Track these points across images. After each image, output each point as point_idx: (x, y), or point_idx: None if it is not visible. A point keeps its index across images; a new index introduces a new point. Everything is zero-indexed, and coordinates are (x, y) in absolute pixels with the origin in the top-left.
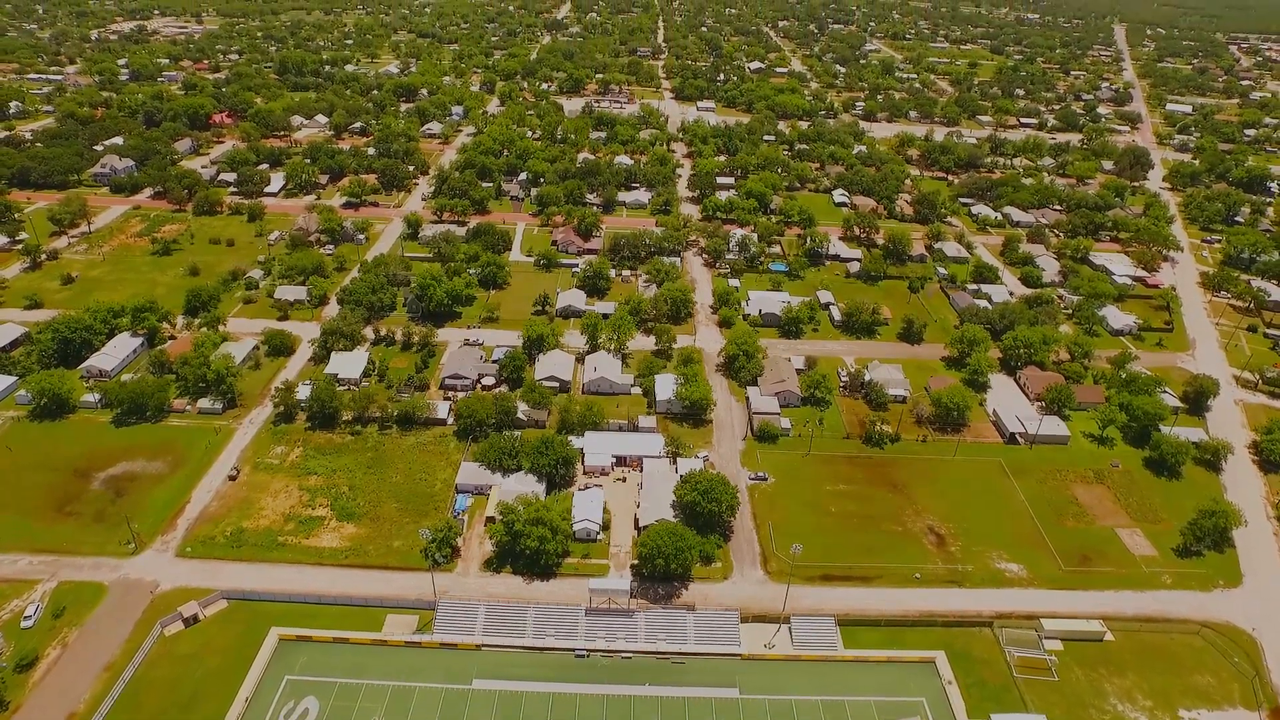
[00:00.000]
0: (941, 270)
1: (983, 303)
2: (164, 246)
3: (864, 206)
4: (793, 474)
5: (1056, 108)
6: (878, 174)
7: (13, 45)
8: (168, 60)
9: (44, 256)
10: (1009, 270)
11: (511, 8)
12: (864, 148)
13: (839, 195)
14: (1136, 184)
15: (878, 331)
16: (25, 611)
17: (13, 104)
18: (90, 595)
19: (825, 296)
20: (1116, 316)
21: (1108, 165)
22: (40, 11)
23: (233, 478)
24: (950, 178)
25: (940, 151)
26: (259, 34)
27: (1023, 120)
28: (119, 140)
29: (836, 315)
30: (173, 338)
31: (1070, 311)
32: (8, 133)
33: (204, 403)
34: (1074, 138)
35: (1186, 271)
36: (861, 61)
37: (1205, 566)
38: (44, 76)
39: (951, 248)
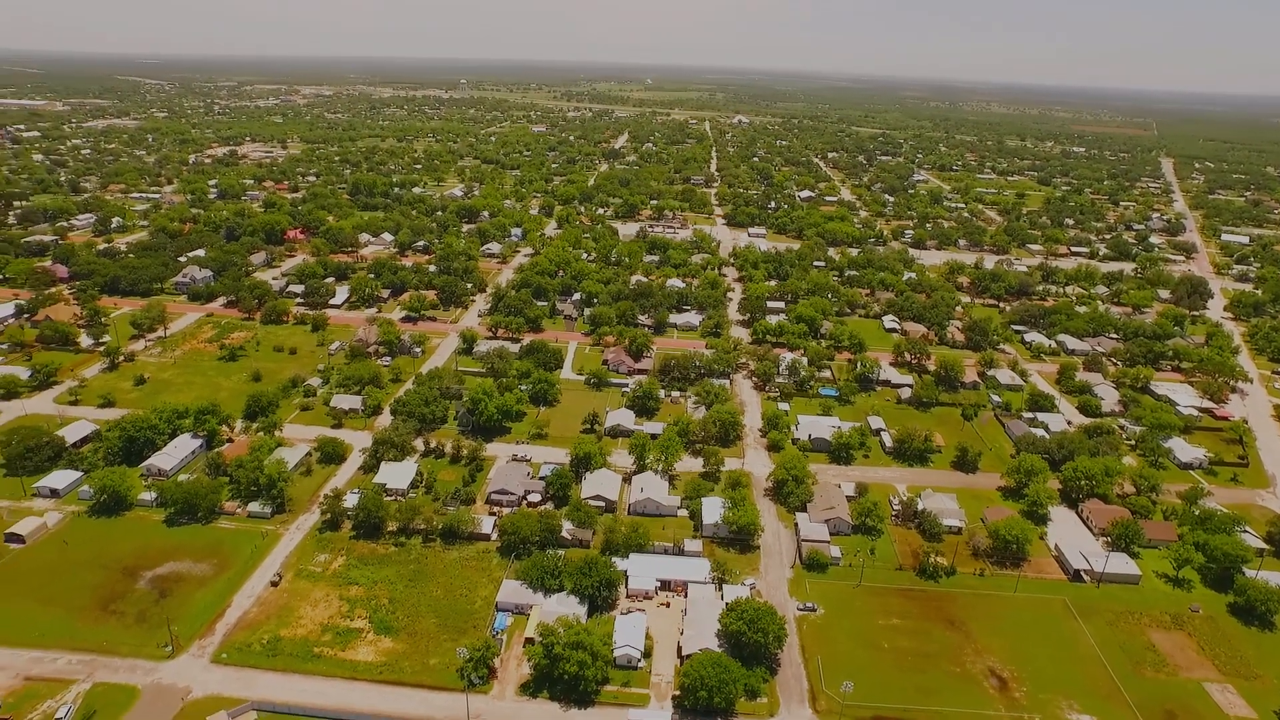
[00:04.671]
0: (995, 398)
1: (1040, 431)
2: (231, 352)
3: (915, 333)
4: (843, 605)
5: (1107, 237)
6: (928, 301)
7: (123, 169)
8: (252, 181)
9: (121, 358)
10: (1066, 399)
11: (571, 137)
12: (914, 275)
13: (889, 321)
14: (1196, 313)
15: (930, 459)
16: (57, 713)
17: (114, 220)
18: (123, 698)
19: (876, 422)
20: (1184, 449)
21: (1164, 294)
22: (150, 140)
23: (275, 584)
24: (1001, 305)
25: (991, 279)
26: (336, 158)
27: (1073, 249)
28: (201, 252)
29: (888, 441)
30: (230, 440)
31: (1133, 443)
32: (106, 244)
33: (254, 506)
34: (1127, 267)
35: (1259, 404)
36: (909, 191)
37: None
38: (145, 195)
39: (1005, 375)
